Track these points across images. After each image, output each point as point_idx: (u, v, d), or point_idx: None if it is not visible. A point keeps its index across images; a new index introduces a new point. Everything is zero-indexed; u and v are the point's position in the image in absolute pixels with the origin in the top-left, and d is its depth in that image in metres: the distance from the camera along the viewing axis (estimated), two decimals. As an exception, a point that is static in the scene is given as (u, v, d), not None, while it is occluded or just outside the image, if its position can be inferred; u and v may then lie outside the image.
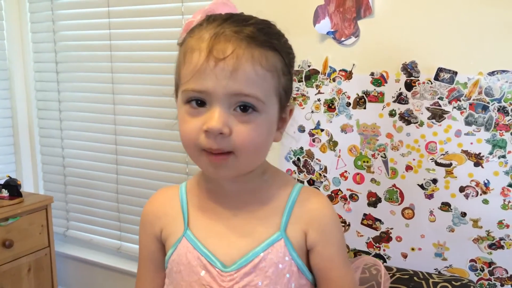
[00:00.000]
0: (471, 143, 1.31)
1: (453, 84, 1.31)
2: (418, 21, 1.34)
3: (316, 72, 1.49)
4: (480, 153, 1.31)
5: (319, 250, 0.77)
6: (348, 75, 1.45)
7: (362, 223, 1.49)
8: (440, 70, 1.32)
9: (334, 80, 1.47)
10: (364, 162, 1.46)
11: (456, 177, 1.34)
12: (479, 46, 1.27)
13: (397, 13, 1.36)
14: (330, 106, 1.49)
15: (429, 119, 1.35)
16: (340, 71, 1.46)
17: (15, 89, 2.21)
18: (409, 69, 1.36)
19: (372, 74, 1.41)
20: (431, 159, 1.36)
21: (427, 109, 1.35)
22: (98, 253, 2.20)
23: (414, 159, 1.39)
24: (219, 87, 0.66)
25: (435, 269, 1.40)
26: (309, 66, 1.50)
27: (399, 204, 1.43)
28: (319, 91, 1.50)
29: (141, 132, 1.99)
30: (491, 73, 1.27)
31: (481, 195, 1.32)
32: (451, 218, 1.36)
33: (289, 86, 0.75)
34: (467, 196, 1.34)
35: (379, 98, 1.41)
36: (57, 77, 2.17)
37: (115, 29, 1.97)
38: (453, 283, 1.21)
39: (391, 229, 1.45)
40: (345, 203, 1.51)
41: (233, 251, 0.75)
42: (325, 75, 1.48)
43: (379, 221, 1.47)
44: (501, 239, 1.31)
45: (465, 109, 1.31)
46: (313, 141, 1.53)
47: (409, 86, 1.37)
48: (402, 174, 1.41)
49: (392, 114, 1.40)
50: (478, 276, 1.36)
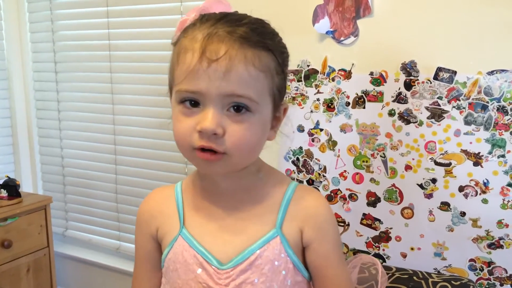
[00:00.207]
0: (471, 143, 1.31)
1: (452, 83, 1.31)
2: (417, 21, 1.34)
3: (315, 71, 1.49)
4: (479, 153, 1.31)
5: (315, 247, 0.77)
6: (347, 75, 1.45)
7: (361, 223, 1.49)
8: (439, 69, 1.32)
9: (333, 79, 1.47)
10: (363, 161, 1.46)
11: (455, 177, 1.34)
12: (478, 45, 1.27)
13: (397, 13, 1.36)
14: (329, 105, 1.48)
15: (428, 118, 1.35)
16: (339, 70, 1.46)
17: (14, 89, 2.21)
18: (409, 69, 1.36)
19: (371, 73, 1.41)
20: (431, 159, 1.36)
21: (427, 108, 1.35)
22: (97, 253, 2.20)
23: (413, 159, 1.39)
24: (212, 88, 0.66)
25: (434, 269, 1.40)
26: (308, 65, 1.50)
27: (398, 203, 1.43)
28: (318, 90, 1.49)
29: (140, 132, 1.99)
30: (491, 73, 1.27)
31: (480, 194, 1.32)
32: (450, 217, 1.36)
33: (283, 85, 0.75)
34: (466, 195, 1.34)
35: (378, 97, 1.41)
36: (56, 77, 2.16)
37: (114, 29, 1.97)
38: (453, 282, 1.21)
39: (391, 228, 1.45)
40: (344, 203, 1.51)
41: (229, 249, 0.75)
42: (324, 75, 1.48)
43: (379, 220, 1.47)
44: (500, 238, 1.31)
45: (464, 108, 1.31)
46: (312, 140, 1.53)
47: (408, 85, 1.37)
48: (401, 173, 1.41)
49: (391, 113, 1.40)
50: (477, 275, 1.36)
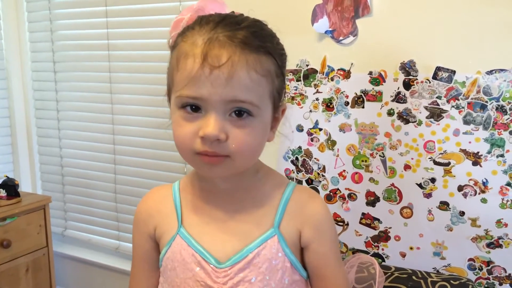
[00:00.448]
0: (470, 142, 1.31)
1: (451, 83, 1.31)
2: (416, 20, 1.33)
3: (314, 71, 1.49)
4: (478, 152, 1.31)
5: (314, 247, 0.78)
6: (346, 74, 1.45)
7: (360, 223, 1.49)
8: (438, 69, 1.32)
9: (332, 79, 1.47)
10: (362, 161, 1.46)
11: (454, 176, 1.34)
12: (477, 45, 1.27)
13: (396, 12, 1.36)
14: (328, 105, 1.48)
15: (427, 118, 1.35)
16: (338, 70, 1.46)
17: (13, 88, 2.21)
18: (408, 68, 1.36)
19: (370, 73, 1.41)
20: (430, 158, 1.36)
21: (426, 108, 1.35)
22: (96, 253, 2.20)
23: (412, 158, 1.39)
24: (215, 95, 0.66)
25: (433, 268, 1.40)
26: (307, 65, 1.50)
27: (397, 203, 1.43)
28: (317, 90, 1.49)
29: (139, 131, 1.99)
30: (489, 72, 1.27)
31: (479, 194, 1.32)
32: (449, 217, 1.36)
33: (282, 87, 0.75)
34: (465, 195, 1.34)
35: (377, 97, 1.41)
36: (55, 76, 2.16)
37: (113, 29, 1.97)
38: (452, 282, 1.21)
39: (390, 228, 1.45)
40: (343, 203, 1.51)
41: (227, 248, 0.76)
42: (323, 74, 1.48)
43: (378, 220, 1.47)
44: (499, 238, 1.32)
45: (463, 108, 1.31)
46: (312, 140, 1.53)
47: (407, 85, 1.37)
48: (400, 173, 1.41)
49: (390, 113, 1.40)
50: (476, 275, 1.36)
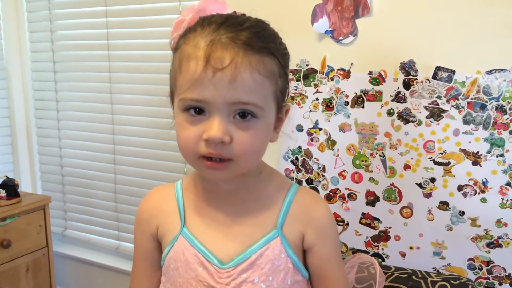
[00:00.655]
0: (469, 142, 1.31)
1: (451, 83, 1.31)
2: (416, 20, 1.33)
3: (314, 71, 1.49)
4: (478, 152, 1.31)
5: (316, 250, 0.78)
6: (346, 74, 1.45)
7: (360, 222, 1.49)
8: (438, 69, 1.32)
9: (332, 79, 1.47)
10: (362, 161, 1.46)
11: (454, 176, 1.34)
12: (477, 45, 1.27)
13: (395, 12, 1.36)
14: (328, 105, 1.48)
15: (427, 118, 1.35)
16: (338, 70, 1.46)
17: (13, 88, 2.21)
18: (407, 68, 1.36)
19: (370, 73, 1.41)
20: (429, 158, 1.36)
21: (425, 108, 1.35)
22: (96, 253, 2.20)
23: (412, 158, 1.39)
24: (218, 97, 0.66)
25: (433, 268, 1.40)
26: (307, 65, 1.50)
27: (397, 203, 1.43)
28: (317, 90, 1.49)
29: (139, 131, 1.99)
30: (489, 72, 1.27)
31: (479, 193, 1.32)
32: (449, 217, 1.37)
33: (285, 87, 0.75)
34: (465, 195, 1.34)
35: (377, 97, 1.41)
36: (55, 76, 2.16)
37: (113, 29, 1.97)
38: (452, 282, 1.21)
39: (390, 228, 1.45)
40: (343, 202, 1.51)
41: (230, 249, 0.76)
42: (323, 74, 1.48)
43: (378, 220, 1.47)
44: (499, 237, 1.32)
45: (463, 108, 1.31)
46: (312, 140, 1.53)
47: (407, 85, 1.37)
48: (400, 173, 1.41)
49: (390, 113, 1.40)
50: (476, 274, 1.36)
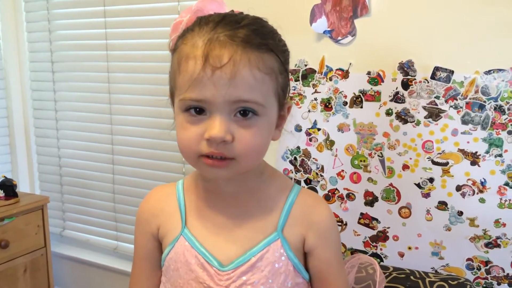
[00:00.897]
0: (468, 142, 1.31)
1: (449, 83, 1.31)
2: (414, 20, 1.34)
3: (312, 71, 1.49)
4: (476, 152, 1.31)
5: (318, 253, 0.77)
6: (344, 74, 1.45)
7: (359, 222, 1.49)
8: (436, 69, 1.32)
9: (330, 79, 1.47)
10: (361, 161, 1.46)
11: (452, 176, 1.34)
12: (475, 45, 1.27)
13: (394, 12, 1.36)
14: (327, 105, 1.48)
15: (425, 118, 1.35)
16: (336, 70, 1.46)
17: (11, 88, 2.20)
18: (406, 68, 1.36)
19: (368, 73, 1.41)
20: (428, 158, 1.36)
21: (424, 108, 1.35)
22: (94, 253, 2.20)
23: (410, 158, 1.39)
24: (218, 96, 0.65)
25: (432, 268, 1.40)
26: (306, 65, 1.50)
27: (395, 203, 1.43)
28: (315, 90, 1.49)
29: (138, 131, 1.98)
30: (488, 72, 1.27)
31: (477, 194, 1.32)
32: (447, 217, 1.37)
33: (286, 84, 0.75)
34: (463, 195, 1.34)
35: (375, 97, 1.41)
36: (53, 76, 2.16)
37: (111, 29, 1.96)
38: (450, 282, 1.21)
39: (388, 228, 1.45)
40: (342, 203, 1.51)
41: (230, 251, 0.75)
42: (321, 74, 1.48)
43: (376, 220, 1.47)
44: (497, 238, 1.32)
45: (461, 108, 1.31)
46: (310, 140, 1.53)
47: (405, 85, 1.37)
48: (398, 173, 1.41)
49: (388, 113, 1.40)
50: (474, 275, 1.36)
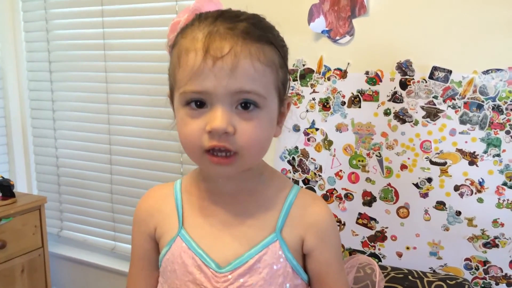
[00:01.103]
0: (466, 142, 1.31)
1: (447, 82, 1.31)
2: (412, 20, 1.33)
3: (311, 71, 1.49)
4: (474, 152, 1.31)
5: (316, 255, 0.76)
6: (343, 74, 1.45)
7: (357, 222, 1.49)
8: (434, 68, 1.32)
9: (329, 79, 1.47)
10: (359, 161, 1.46)
11: (451, 176, 1.34)
12: (473, 44, 1.27)
13: (392, 12, 1.36)
14: (325, 105, 1.48)
15: (423, 118, 1.35)
16: (335, 70, 1.45)
17: (8, 88, 2.19)
18: (404, 68, 1.36)
19: (367, 73, 1.41)
20: (426, 158, 1.36)
21: (422, 108, 1.35)
22: (92, 253, 2.19)
23: (409, 158, 1.39)
24: (220, 87, 0.65)
25: (430, 268, 1.40)
26: (304, 65, 1.50)
27: (394, 203, 1.43)
28: (314, 90, 1.49)
29: (135, 131, 1.98)
30: (486, 72, 1.27)
31: (475, 194, 1.32)
32: (446, 217, 1.36)
33: (286, 79, 0.75)
34: (462, 195, 1.34)
35: (374, 97, 1.41)
36: (51, 76, 2.15)
37: (109, 28, 1.96)
38: (448, 282, 1.21)
39: (386, 228, 1.45)
40: (340, 202, 1.51)
41: (227, 252, 0.75)
42: (320, 74, 1.48)
43: (374, 220, 1.46)
44: (495, 237, 1.32)
45: (459, 107, 1.31)
46: (308, 140, 1.53)
47: (403, 85, 1.37)
48: (397, 173, 1.41)
49: (387, 113, 1.40)
50: (473, 274, 1.36)
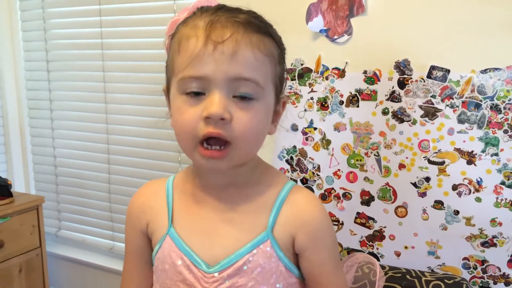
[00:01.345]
0: (464, 141, 1.31)
1: (445, 82, 1.31)
2: (411, 19, 1.33)
3: (309, 70, 1.49)
4: (472, 151, 1.31)
5: (308, 255, 0.74)
6: (341, 73, 1.44)
7: (355, 222, 1.49)
8: (432, 68, 1.32)
9: (327, 78, 1.46)
10: (357, 160, 1.46)
11: (449, 175, 1.34)
12: (471, 44, 1.27)
13: (390, 11, 1.36)
14: (323, 104, 1.48)
15: (422, 117, 1.35)
16: (333, 69, 1.45)
17: (6, 88, 2.19)
18: (402, 67, 1.36)
19: (365, 72, 1.41)
20: (424, 157, 1.36)
21: (420, 107, 1.35)
22: (90, 253, 2.19)
23: (407, 157, 1.39)
24: (219, 72, 0.64)
25: (428, 267, 1.40)
26: (302, 64, 1.49)
27: (392, 202, 1.43)
28: (312, 89, 1.49)
29: (133, 131, 1.98)
30: (484, 71, 1.27)
31: (474, 193, 1.32)
32: (444, 216, 1.36)
33: (283, 76, 0.75)
34: (460, 194, 1.34)
35: (372, 96, 1.41)
36: (48, 76, 2.15)
37: (107, 28, 1.95)
38: (446, 281, 1.21)
39: (384, 227, 1.45)
40: (338, 202, 1.51)
41: (217, 251, 0.73)
42: (318, 74, 1.48)
43: (372, 219, 1.46)
44: (493, 237, 1.32)
45: (457, 107, 1.31)
46: (306, 139, 1.52)
47: (402, 84, 1.37)
48: (395, 172, 1.41)
49: (385, 112, 1.40)
50: (471, 274, 1.36)
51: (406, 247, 1.43)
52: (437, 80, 1.32)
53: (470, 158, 1.31)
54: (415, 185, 1.39)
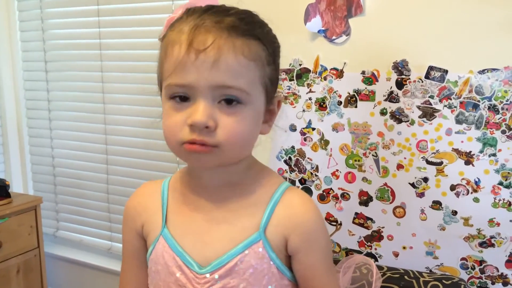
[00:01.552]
0: (462, 142, 1.31)
1: (443, 82, 1.31)
2: (409, 20, 1.33)
3: (307, 70, 1.49)
4: (470, 152, 1.31)
5: (300, 257, 0.73)
6: (339, 74, 1.44)
7: (353, 222, 1.49)
8: (430, 68, 1.32)
9: (325, 78, 1.47)
10: (355, 161, 1.46)
11: (447, 176, 1.34)
12: (469, 44, 1.27)
13: (388, 12, 1.36)
14: (321, 105, 1.48)
15: (420, 117, 1.35)
16: (331, 69, 1.45)
17: (4, 88, 2.18)
18: (400, 68, 1.36)
19: (363, 72, 1.41)
20: (422, 158, 1.36)
21: (418, 107, 1.35)
22: (88, 253, 2.18)
23: (405, 158, 1.39)
24: (202, 80, 0.64)
25: (426, 268, 1.40)
26: (300, 64, 1.49)
27: (390, 202, 1.43)
28: (310, 89, 1.49)
29: (132, 131, 1.97)
30: (482, 72, 1.27)
31: (471, 193, 1.32)
32: (442, 216, 1.37)
33: (275, 76, 0.73)
34: (458, 194, 1.34)
35: (370, 96, 1.41)
36: (46, 76, 2.14)
37: (105, 28, 1.95)
38: (444, 281, 1.21)
39: (383, 228, 1.45)
40: (336, 202, 1.51)
41: (208, 252, 0.72)
42: (316, 74, 1.48)
43: (371, 220, 1.46)
44: (491, 237, 1.32)
45: (455, 107, 1.31)
46: (305, 140, 1.52)
47: (400, 84, 1.37)
48: (393, 172, 1.41)
49: (383, 112, 1.40)
50: (469, 274, 1.36)
51: (404, 248, 1.43)
52: (435, 80, 1.32)
53: (468, 158, 1.31)
54: (413, 185, 1.39)
